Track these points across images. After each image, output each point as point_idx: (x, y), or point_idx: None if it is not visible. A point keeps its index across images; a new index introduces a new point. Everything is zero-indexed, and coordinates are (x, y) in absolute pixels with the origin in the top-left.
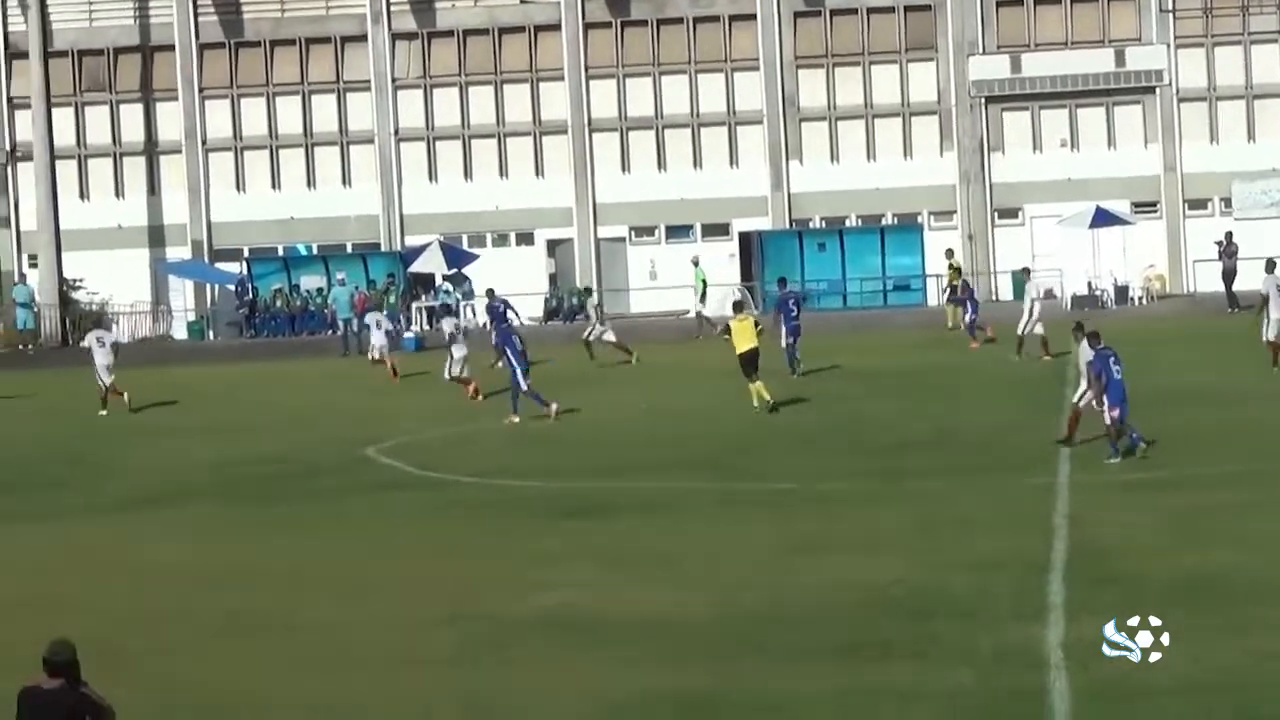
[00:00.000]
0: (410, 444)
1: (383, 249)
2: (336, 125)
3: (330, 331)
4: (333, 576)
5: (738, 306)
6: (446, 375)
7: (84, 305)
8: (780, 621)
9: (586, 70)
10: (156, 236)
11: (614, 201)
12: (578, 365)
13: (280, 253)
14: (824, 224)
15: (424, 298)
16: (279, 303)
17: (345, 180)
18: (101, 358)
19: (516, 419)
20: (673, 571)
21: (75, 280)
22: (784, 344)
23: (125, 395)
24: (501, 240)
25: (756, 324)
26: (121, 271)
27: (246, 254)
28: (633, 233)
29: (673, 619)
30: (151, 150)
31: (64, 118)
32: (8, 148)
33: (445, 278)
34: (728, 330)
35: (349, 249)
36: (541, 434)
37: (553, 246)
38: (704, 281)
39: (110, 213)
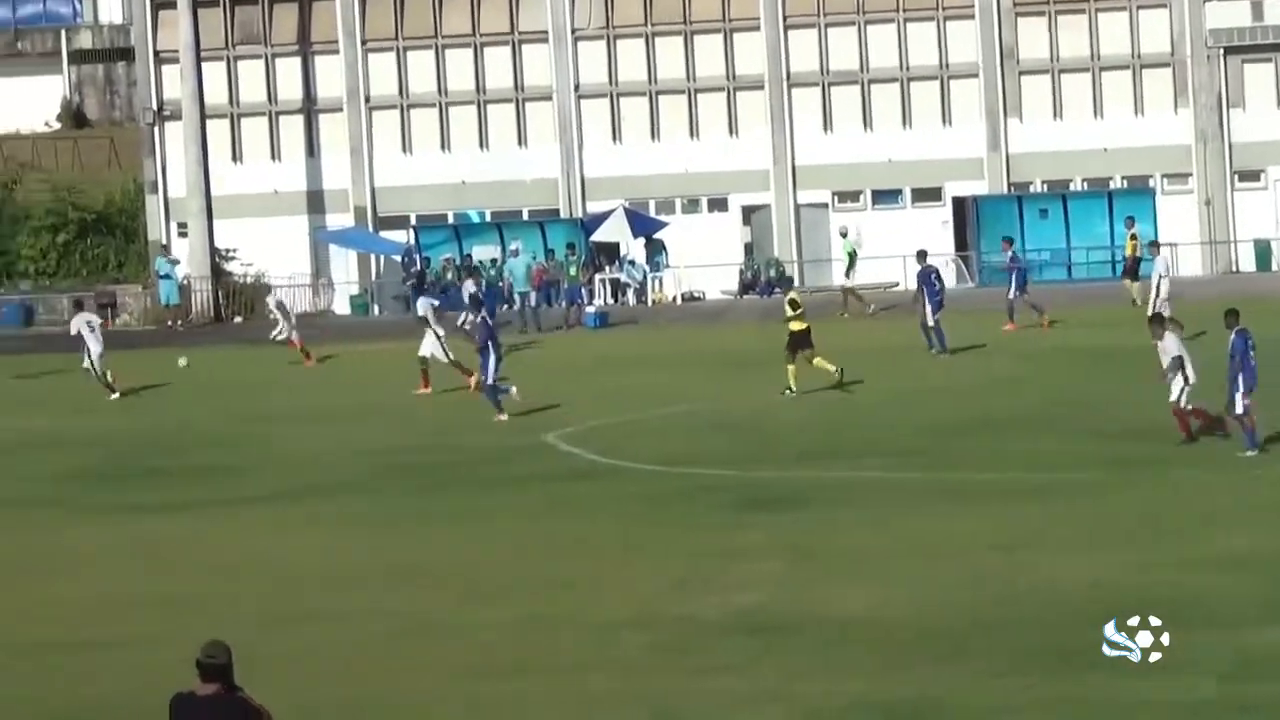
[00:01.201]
0: (593, 430)
1: (562, 216)
2: (511, 81)
3: (505, 306)
4: (509, 573)
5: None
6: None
7: (238, 278)
8: (993, 624)
9: (785, 19)
10: (316, 203)
11: (815, 164)
12: (757, 345)
13: (450, 220)
14: (1045, 188)
15: (608, 269)
16: (449, 274)
17: (521, 141)
18: (95, 344)
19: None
20: (873, 568)
21: (228, 251)
22: (929, 321)
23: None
24: (692, 206)
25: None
26: (278, 241)
27: (413, 222)
28: (835, 198)
29: (874, 620)
30: (310, 108)
31: (215, 73)
32: (154, 107)
33: (646, 244)
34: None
35: (525, 216)
36: (727, 420)
37: (748, 213)
38: (852, 254)
39: (266, 177)
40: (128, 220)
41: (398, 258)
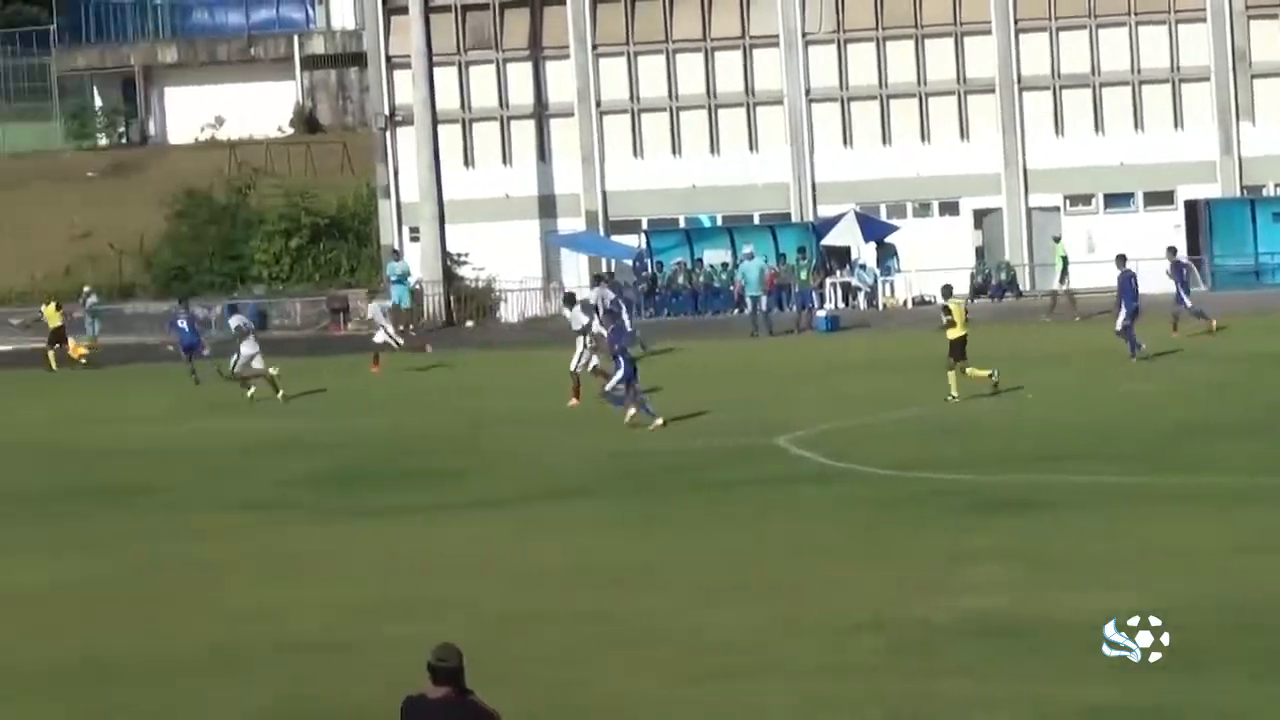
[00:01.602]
0: (824, 433)
1: (793, 219)
2: (742, 85)
3: (736, 310)
4: (743, 577)
5: (947, 291)
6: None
7: (469, 282)
8: (1236, 628)
9: (1016, 23)
10: (547, 207)
11: (1046, 167)
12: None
13: (681, 224)
14: (1279, 191)
15: (839, 273)
16: (680, 278)
17: (752, 145)
18: (249, 347)
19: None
20: (1107, 572)
21: (460, 255)
22: (1118, 326)
23: (277, 386)
24: (923, 210)
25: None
26: (509, 245)
27: (645, 225)
28: (1067, 201)
29: None
30: (541, 113)
31: (447, 78)
32: (387, 112)
33: (877, 248)
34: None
35: (756, 220)
36: (958, 424)
37: (979, 217)
38: (1064, 259)
39: (497, 181)
40: (360, 225)
41: (629, 261)
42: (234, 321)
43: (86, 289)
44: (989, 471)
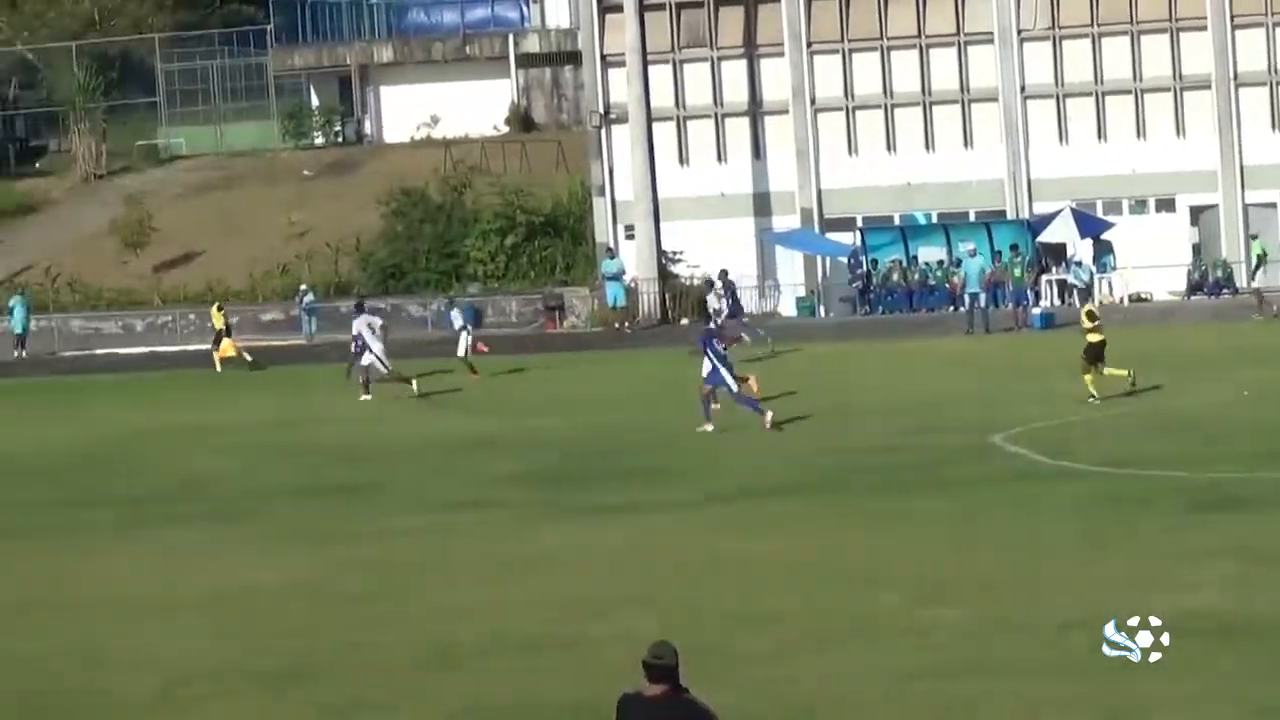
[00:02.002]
0: (1038, 431)
1: (1008, 217)
2: (957, 82)
3: (951, 307)
4: (957, 573)
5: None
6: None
7: (684, 280)
8: None
9: (1232, 19)
10: (762, 204)
11: (1265, 164)
12: (1204, 346)
13: (896, 221)
14: None
15: (1054, 270)
16: (895, 276)
17: (967, 142)
18: (376, 344)
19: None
20: None
21: (674, 253)
22: None
23: (413, 383)
24: (1139, 207)
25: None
26: (724, 243)
27: (859, 223)
28: None
29: None
30: (756, 110)
31: (661, 76)
32: (601, 110)
33: (1093, 245)
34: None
35: (971, 217)
36: (1174, 420)
37: (1196, 213)
38: (1261, 256)
39: (712, 179)
40: (575, 223)
41: (844, 259)
42: (359, 324)
43: (303, 287)
44: (1204, 469)
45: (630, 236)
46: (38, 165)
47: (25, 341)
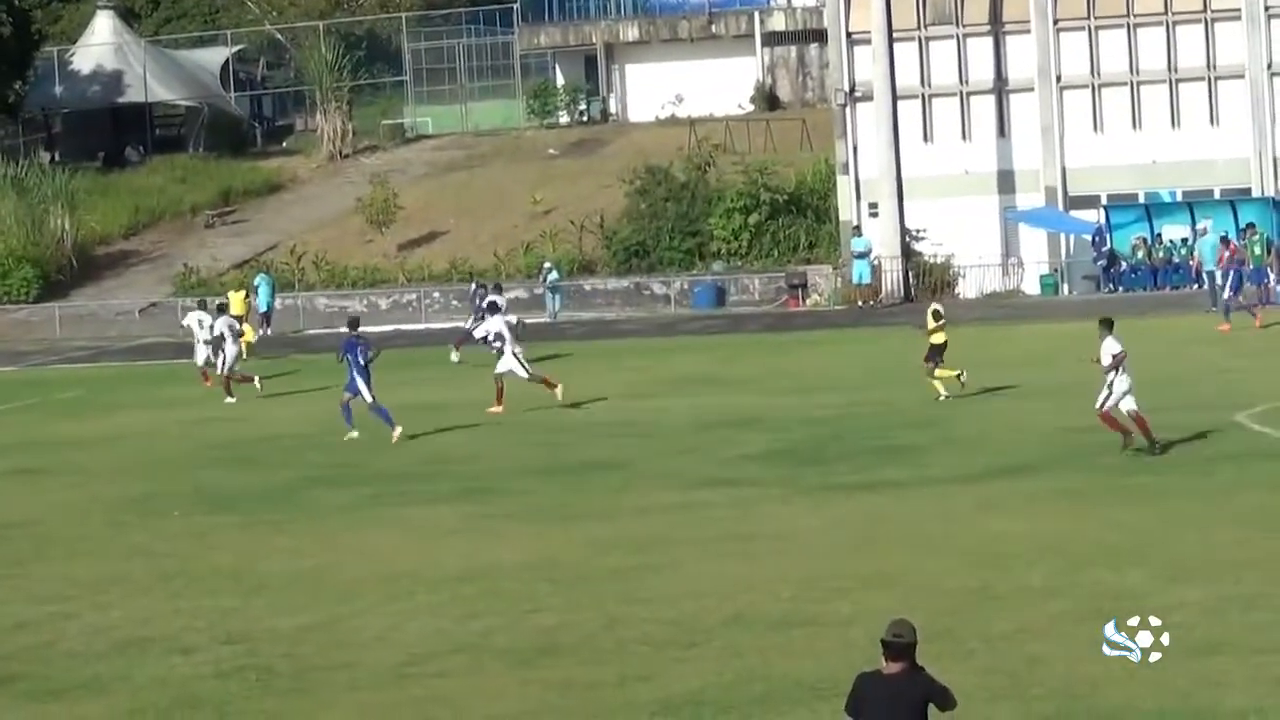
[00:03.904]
0: None
1: (1254, 194)
2: (1204, 59)
3: (1195, 286)
4: (1201, 552)
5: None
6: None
7: (928, 258)
8: None
9: None
10: (1006, 183)
11: None
12: None
13: (1141, 199)
14: None
15: None
16: (1139, 254)
17: (1213, 119)
18: (517, 346)
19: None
20: None
21: (918, 231)
22: None
23: (558, 388)
24: None
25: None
26: (967, 221)
27: (1104, 201)
28: None
29: None
30: (1001, 89)
31: (907, 54)
32: (847, 88)
33: None
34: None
35: (1217, 194)
36: None
37: None
38: None
39: (956, 157)
40: (819, 201)
41: (1088, 237)
42: (497, 323)
43: (547, 265)
44: None
45: (874, 214)
46: (284, 144)
47: (270, 319)
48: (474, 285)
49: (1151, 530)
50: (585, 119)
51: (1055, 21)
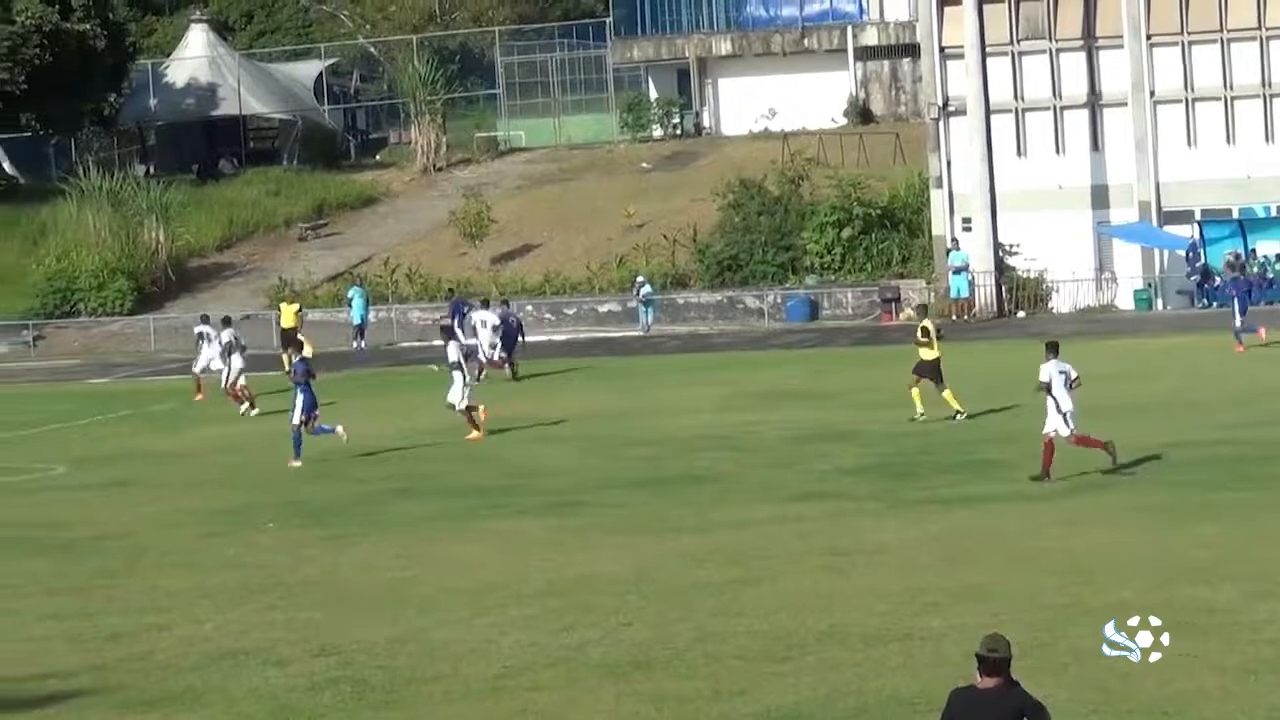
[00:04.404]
0: None
1: None
2: None
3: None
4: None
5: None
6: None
7: (1021, 273)
8: None
9: None
10: (1099, 197)
11: None
12: None
13: (1234, 214)
14: None
15: None
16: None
17: None
18: (488, 336)
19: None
20: None
21: (1011, 245)
22: None
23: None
24: None
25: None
26: (1061, 235)
27: (1197, 216)
28: None
29: None
30: (1094, 103)
31: (999, 68)
32: (939, 102)
33: None
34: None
35: None
36: None
37: None
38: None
39: (1049, 172)
40: (912, 215)
41: (1182, 252)
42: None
43: (640, 278)
44: None
45: (967, 229)
46: (378, 157)
47: (364, 332)
48: (460, 303)
49: (1239, 546)
50: (678, 132)
51: (1148, 36)
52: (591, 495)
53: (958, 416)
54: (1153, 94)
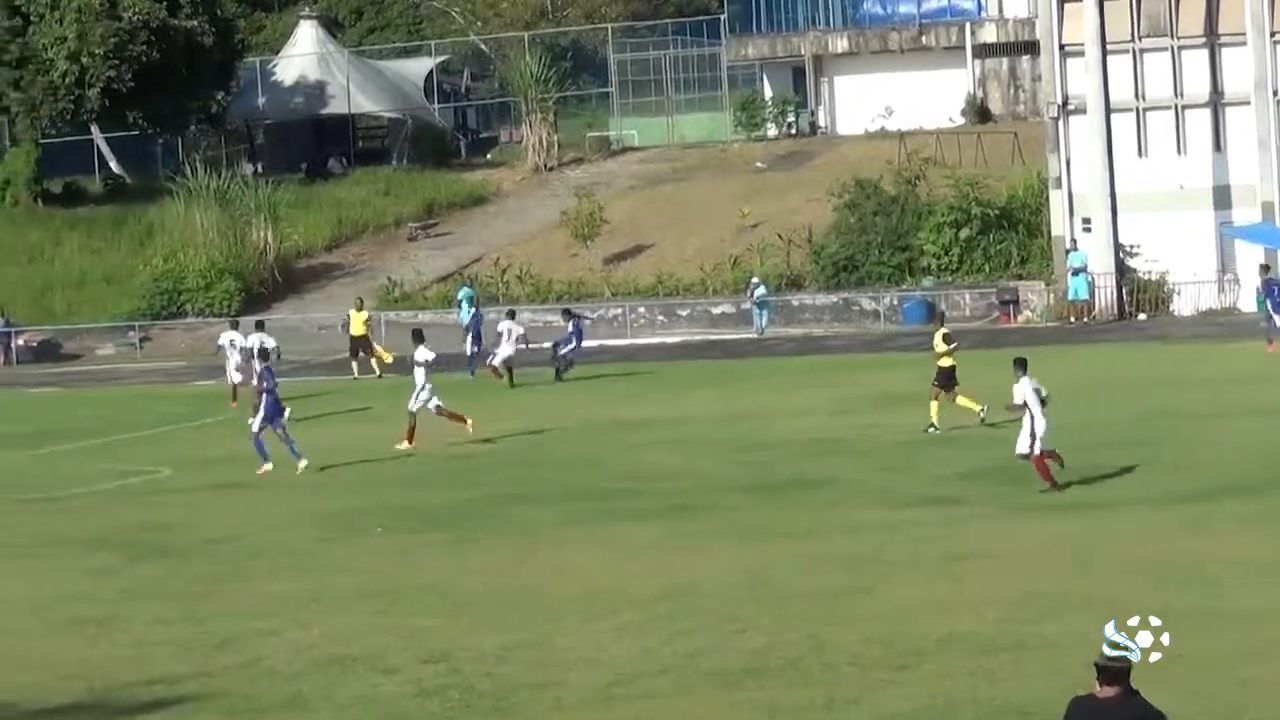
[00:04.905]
0: None
1: None
2: None
3: None
4: None
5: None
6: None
7: (1142, 274)
8: None
9: None
10: (1222, 198)
11: None
12: None
13: None
14: None
15: None
16: None
17: None
18: (508, 348)
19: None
20: None
21: (1131, 247)
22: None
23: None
24: None
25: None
26: (1182, 236)
27: None
28: None
29: None
30: (1217, 102)
31: (1120, 66)
32: (1059, 101)
33: None
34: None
35: None
36: None
37: None
38: None
39: (1171, 172)
40: (1030, 216)
41: None
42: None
43: (754, 280)
44: None
45: (1087, 230)
46: (488, 156)
47: (476, 334)
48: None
49: None
50: (793, 131)
51: (1272, 33)
52: (704, 499)
53: (930, 429)
54: (1276, 93)
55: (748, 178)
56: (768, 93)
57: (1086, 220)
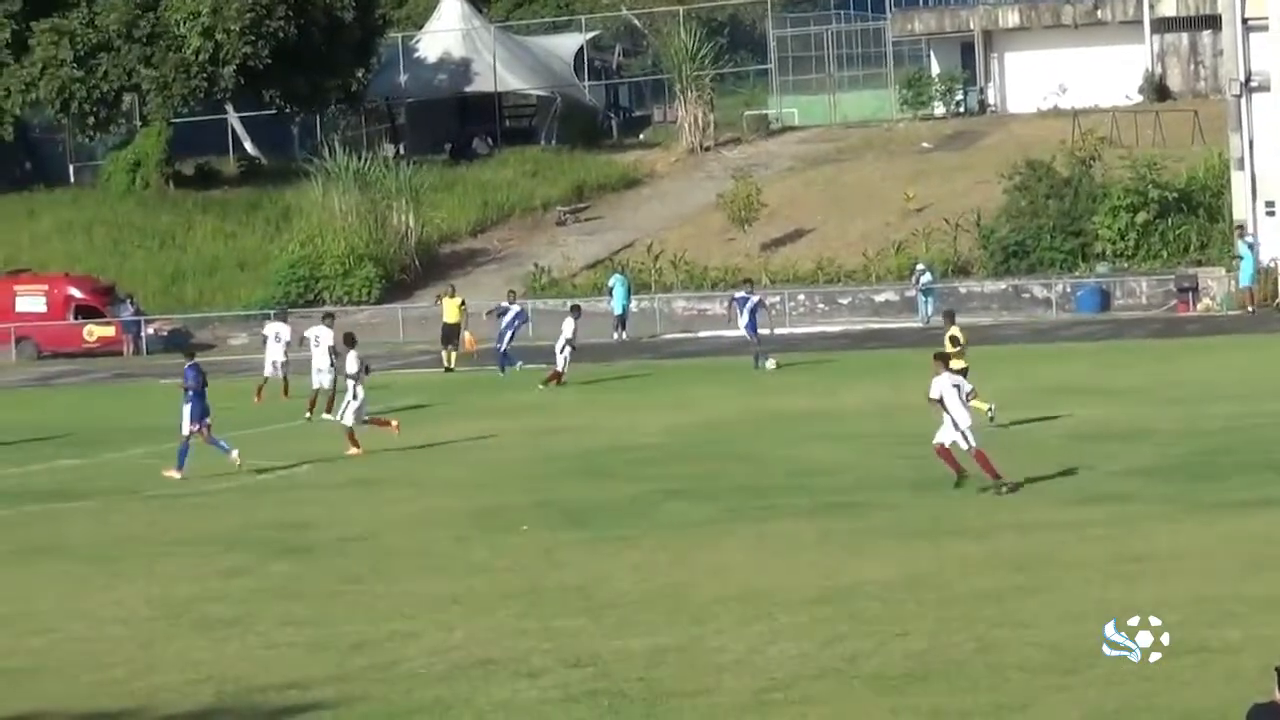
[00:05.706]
0: None
1: None
2: None
3: None
4: None
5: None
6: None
7: None
8: None
9: None
10: None
11: None
12: None
13: None
14: None
15: None
16: None
17: None
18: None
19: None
20: None
21: None
22: None
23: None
24: None
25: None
26: None
27: None
28: None
29: None
30: None
31: None
32: (1241, 78)
33: None
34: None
35: None
36: None
37: None
38: None
39: None
40: (1211, 199)
41: None
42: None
43: (920, 266)
44: None
45: (1270, 213)
46: (641, 136)
47: (625, 323)
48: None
49: None
50: (961, 110)
51: None
52: (865, 496)
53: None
54: None
55: (913, 159)
56: (934, 69)
57: (1270, 203)
